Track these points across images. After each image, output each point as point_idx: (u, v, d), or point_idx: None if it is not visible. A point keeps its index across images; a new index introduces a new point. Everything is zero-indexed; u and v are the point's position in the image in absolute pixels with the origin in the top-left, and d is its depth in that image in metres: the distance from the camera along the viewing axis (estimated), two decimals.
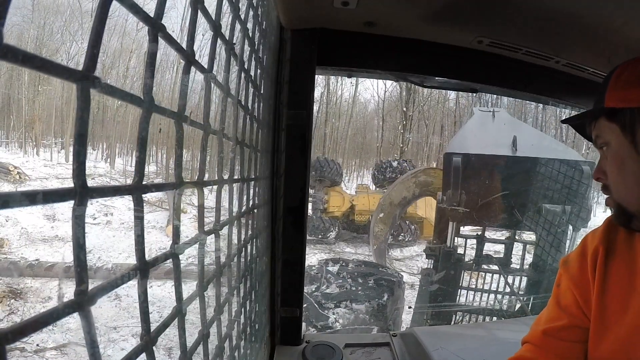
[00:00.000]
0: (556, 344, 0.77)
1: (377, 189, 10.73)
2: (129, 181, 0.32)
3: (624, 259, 0.70)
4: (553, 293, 0.83)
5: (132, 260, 0.33)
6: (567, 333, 0.76)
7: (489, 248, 4.55)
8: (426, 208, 9.56)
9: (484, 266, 4.55)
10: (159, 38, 0.34)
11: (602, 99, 0.66)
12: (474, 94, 1.31)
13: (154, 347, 0.35)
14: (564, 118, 0.80)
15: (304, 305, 3.84)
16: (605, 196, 0.70)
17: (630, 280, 0.67)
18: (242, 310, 0.74)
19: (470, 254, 4.66)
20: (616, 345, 0.67)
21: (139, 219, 0.34)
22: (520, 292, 4.25)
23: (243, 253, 0.72)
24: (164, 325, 0.38)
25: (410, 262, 8.92)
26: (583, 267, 0.75)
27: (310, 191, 9.96)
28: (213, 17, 0.47)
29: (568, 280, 0.78)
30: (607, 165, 0.67)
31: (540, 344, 0.79)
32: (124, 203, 9.97)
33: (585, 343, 0.75)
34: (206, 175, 0.48)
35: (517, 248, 4.53)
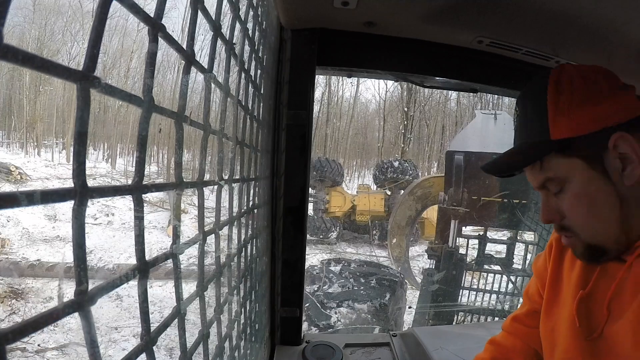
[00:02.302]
0: (521, 329, 0.83)
1: (378, 189, 10.72)
2: (130, 181, 0.32)
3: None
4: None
5: (134, 261, 0.33)
6: (529, 319, 0.82)
7: (490, 248, 4.54)
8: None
9: (486, 266, 4.55)
10: (159, 38, 0.34)
11: (542, 131, 0.57)
12: (475, 94, 1.31)
13: (154, 347, 0.35)
14: (483, 166, 0.68)
15: (306, 305, 3.85)
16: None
17: (581, 282, 0.66)
18: (242, 310, 0.74)
19: (472, 254, 4.65)
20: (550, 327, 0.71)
21: (139, 219, 0.34)
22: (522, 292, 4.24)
23: (243, 253, 0.73)
24: (164, 326, 0.38)
25: (412, 262, 8.91)
26: (545, 259, 0.77)
27: (312, 191, 9.99)
28: (213, 17, 0.47)
29: (534, 273, 0.83)
30: (568, 204, 0.58)
31: (509, 329, 0.86)
32: (125, 203, 9.98)
33: None
34: (206, 175, 0.48)
35: (519, 248, 4.52)
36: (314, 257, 7.77)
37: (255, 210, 0.84)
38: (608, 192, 0.55)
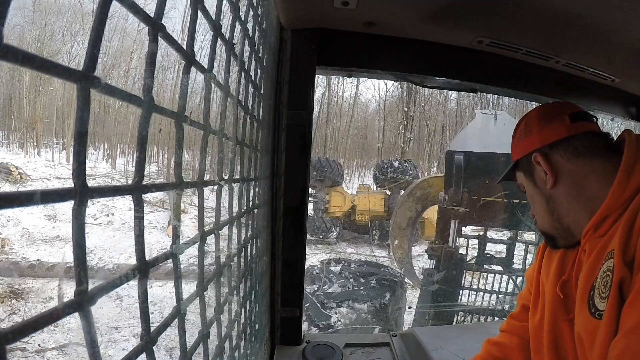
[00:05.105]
0: (516, 325, 0.93)
1: (378, 189, 10.71)
2: (130, 181, 0.32)
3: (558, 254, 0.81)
4: None
5: (134, 261, 0.33)
6: (522, 315, 0.92)
7: (490, 248, 4.54)
8: None
9: (486, 266, 4.54)
10: (160, 38, 0.34)
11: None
12: (475, 94, 1.31)
13: (154, 347, 0.35)
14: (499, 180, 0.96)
15: (306, 305, 3.85)
16: None
17: (559, 272, 0.77)
18: (242, 310, 0.74)
19: (472, 254, 4.65)
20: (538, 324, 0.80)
21: (138, 219, 0.34)
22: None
23: (243, 253, 0.73)
24: (164, 326, 0.38)
25: (413, 262, 8.90)
26: (534, 267, 0.88)
27: (312, 191, 9.97)
28: (213, 18, 0.47)
29: (527, 280, 0.94)
30: (528, 202, 0.83)
31: (505, 328, 0.96)
32: (125, 203, 9.98)
33: None
34: (206, 175, 0.48)
35: (519, 248, 4.52)
36: (314, 257, 7.76)
37: (255, 210, 0.84)
38: (539, 193, 0.77)
